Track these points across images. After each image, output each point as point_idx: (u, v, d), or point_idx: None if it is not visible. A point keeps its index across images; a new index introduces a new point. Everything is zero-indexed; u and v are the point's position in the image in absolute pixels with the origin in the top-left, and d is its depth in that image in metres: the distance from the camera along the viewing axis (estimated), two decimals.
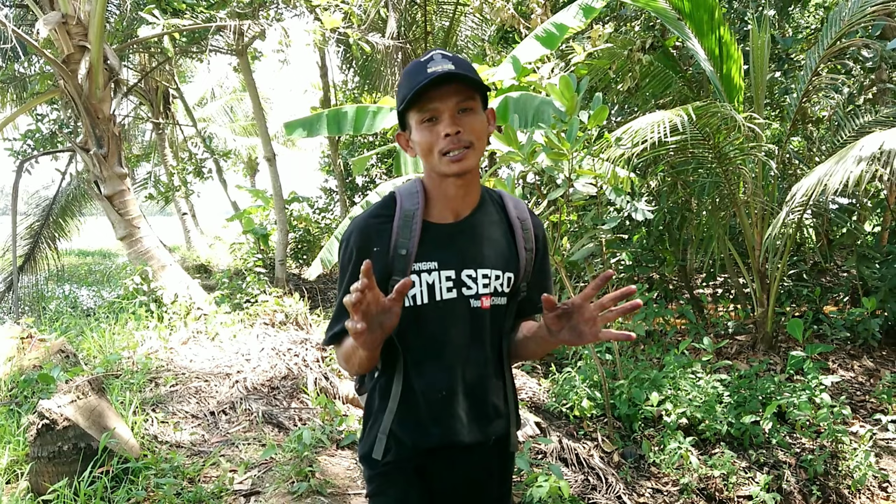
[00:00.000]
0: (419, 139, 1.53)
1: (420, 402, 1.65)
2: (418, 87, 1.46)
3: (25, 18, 9.88)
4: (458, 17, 9.96)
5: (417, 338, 1.63)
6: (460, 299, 1.62)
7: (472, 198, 1.66)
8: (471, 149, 1.52)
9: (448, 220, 1.64)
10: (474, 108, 1.54)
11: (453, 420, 1.65)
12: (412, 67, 1.54)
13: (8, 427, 3.98)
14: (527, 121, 4.78)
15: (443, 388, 1.64)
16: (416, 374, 1.65)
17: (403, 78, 1.56)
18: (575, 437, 4.20)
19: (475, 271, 1.63)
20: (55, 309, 8.79)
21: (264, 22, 8.26)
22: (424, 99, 1.50)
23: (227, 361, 5.54)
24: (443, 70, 1.47)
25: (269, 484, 3.58)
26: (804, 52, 7.31)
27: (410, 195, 1.63)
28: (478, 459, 1.73)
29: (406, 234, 1.58)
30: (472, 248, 1.63)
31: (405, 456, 1.68)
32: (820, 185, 4.02)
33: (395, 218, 1.60)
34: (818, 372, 4.40)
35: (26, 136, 11.26)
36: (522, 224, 1.71)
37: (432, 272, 1.60)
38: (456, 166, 1.51)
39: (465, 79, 1.49)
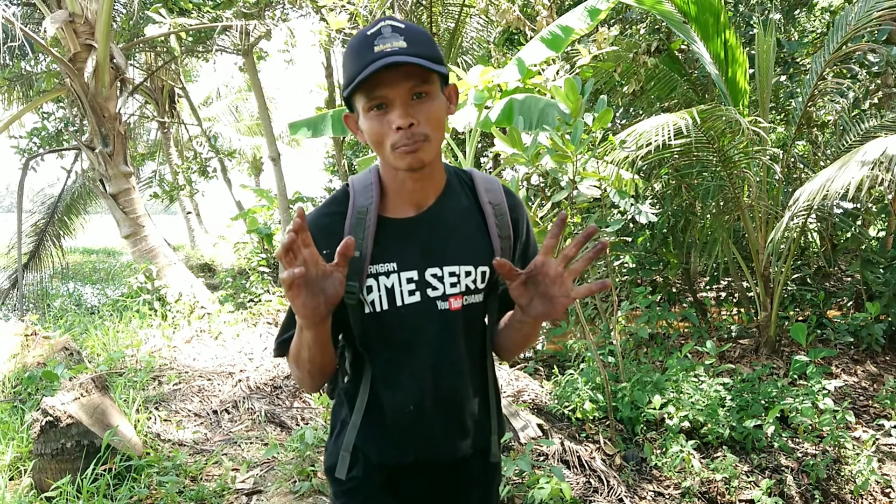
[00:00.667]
0: (367, 129, 1.33)
1: (387, 417, 1.49)
2: (362, 74, 1.24)
3: (33, 17, 9.93)
4: (463, 18, 9.96)
5: (381, 347, 1.47)
6: (425, 302, 1.44)
7: (434, 187, 1.46)
8: (427, 141, 1.31)
9: (408, 213, 1.45)
10: (430, 93, 1.31)
11: (425, 436, 1.51)
12: (356, 42, 1.30)
13: (12, 424, 4.00)
14: (531, 123, 4.78)
15: (411, 402, 1.48)
16: (383, 386, 1.49)
17: (347, 53, 1.32)
18: (577, 439, 4.20)
19: (441, 269, 1.44)
20: (60, 306, 8.82)
21: (270, 22, 8.29)
22: (371, 84, 1.27)
23: (230, 360, 5.56)
24: (392, 49, 1.24)
25: (271, 483, 3.58)
26: (810, 56, 7.30)
27: (364, 188, 1.45)
28: (456, 474, 1.59)
29: (359, 234, 1.40)
30: (437, 244, 1.45)
31: (372, 472, 1.53)
32: (823, 190, 4.02)
33: (348, 216, 1.42)
34: (821, 376, 4.38)
35: (32, 134, 11.31)
36: (495, 209, 1.50)
37: (391, 274, 1.42)
38: (408, 160, 1.31)
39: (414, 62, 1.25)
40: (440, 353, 1.47)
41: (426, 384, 1.47)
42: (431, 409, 1.49)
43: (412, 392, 1.48)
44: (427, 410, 1.49)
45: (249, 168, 26.44)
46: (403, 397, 1.48)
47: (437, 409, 1.50)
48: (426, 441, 1.51)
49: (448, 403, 1.51)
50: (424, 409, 1.49)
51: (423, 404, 1.48)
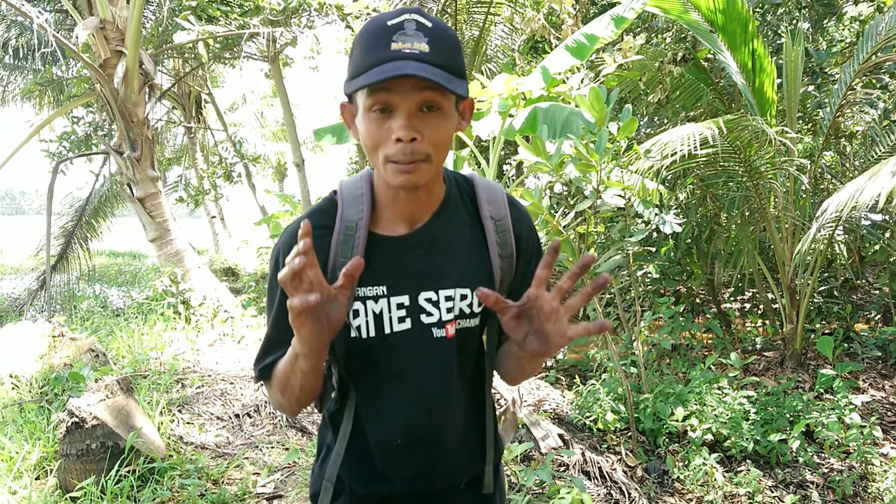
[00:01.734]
0: (364, 131, 1.17)
1: (372, 449, 1.38)
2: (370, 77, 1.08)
3: (65, 23, 10.11)
4: (488, 26, 9.97)
5: (367, 375, 1.35)
6: (417, 329, 1.30)
7: (431, 202, 1.32)
8: (426, 162, 1.16)
9: (400, 230, 1.30)
10: (443, 108, 1.15)
11: (413, 469, 1.39)
12: (373, 30, 1.12)
13: (38, 424, 4.05)
14: (556, 131, 4.77)
15: (398, 436, 1.35)
16: (368, 417, 1.37)
17: (359, 40, 1.14)
18: (598, 450, 4.17)
19: (436, 293, 1.30)
20: (86, 308, 8.94)
21: (296, 29, 8.37)
22: (379, 85, 1.10)
23: (252, 364, 5.59)
24: (412, 51, 1.08)
25: (291, 488, 3.60)
26: (839, 65, 7.22)
27: (354, 199, 1.29)
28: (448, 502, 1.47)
29: (346, 253, 1.26)
30: (431, 266, 1.31)
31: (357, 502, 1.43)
32: (852, 201, 3.96)
33: (335, 231, 1.28)
34: (848, 391, 4.32)
35: (62, 139, 11.52)
36: (497, 225, 1.35)
37: (379, 299, 1.28)
38: (402, 178, 1.16)
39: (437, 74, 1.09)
40: (431, 385, 1.34)
41: (414, 417, 1.35)
42: (420, 443, 1.37)
43: (399, 425, 1.36)
44: (415, 444, 1.37)
45: (274, 173, 26.68)
46: (390, 430, 1.36)
47: (427, 443, 1.38)
48: (414, 474, 1.40)
49: (438, 436, 1.38)
50: (412, 443, 1.37)
51: (411, 438, 1.36)
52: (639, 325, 4.58)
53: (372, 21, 1.13)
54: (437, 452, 1.39)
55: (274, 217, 11.94)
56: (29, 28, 10.35)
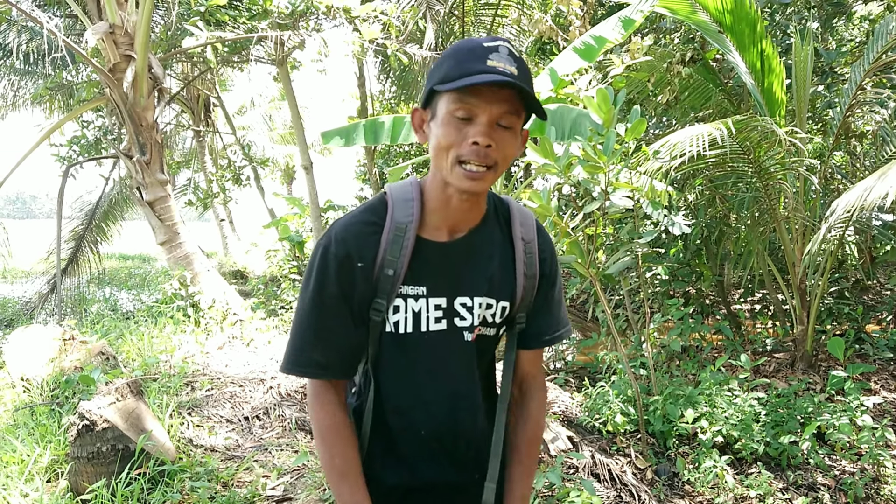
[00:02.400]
0: (441, 132, 1.27)
1: (397, 440, 1.47)
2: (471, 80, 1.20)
3: (74, 28, 10.18)
4: (495, 28, 9.98)
5: (397, 370, 1.43)
6: (451, 331, 1.41)
7: (474, 214, 1.43)
8: (492, 170, 1.28)
9: (442, 237, 1.41)
10: (514, 128, 1.29)
11: (435, 459, 1.48)
12: (470, 47, 1.25)
13: (49, 427, 4.07)
14: (564, 133, 4.77)
15: (422, 427, 1.45)
16: (395, 409, 1.45)
17: (454, 53, 1.27)
18: (608, 452, 4.15)
19: (471, 299, 1.41)
20: (96, 312, 8.99)
21: (304, 32, 8.39)
22: (468, 91, 1.23)
23: (261, 367, 5.61)
24: (504, 70, 1.21)
25: (300, 491, 3.60)
26: (848, 65, 7.18)
27: (404, 203, 1.38)
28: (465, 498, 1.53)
29: (395, 252, 1.35)
30: (469, 273, 1.42)
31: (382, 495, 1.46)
32: (861, 200, 3.93)
33: (385, 230, 1.36)
34: (860, 393, 4.29)
35: (72, 143, 11.58)
36: (526, 246, 1.47)
37: (419, 298, 1.38)
38: (468, 184, 1.28)
39: (523, 93, 1.24)
40: (457, 382, 1.46)
41: (439, 410, 1.45)
42: (443, 434, 1.47)
43: (425, 417, 1.45)
44: (439, 435, 1.47)
45: (282, 176, 26.75)
46: (415, 422, 1.45)
47: (449, 435, 1.47)
48: (437, 465, 1.49)
49: (460, 430, 1.48)
50: (436, 434, 1.46)
51: (436, 429, 1.46)
52: (648, 327, 4.56)
53: (468, 40, 1.27)
54: (458, 445, 1.49)
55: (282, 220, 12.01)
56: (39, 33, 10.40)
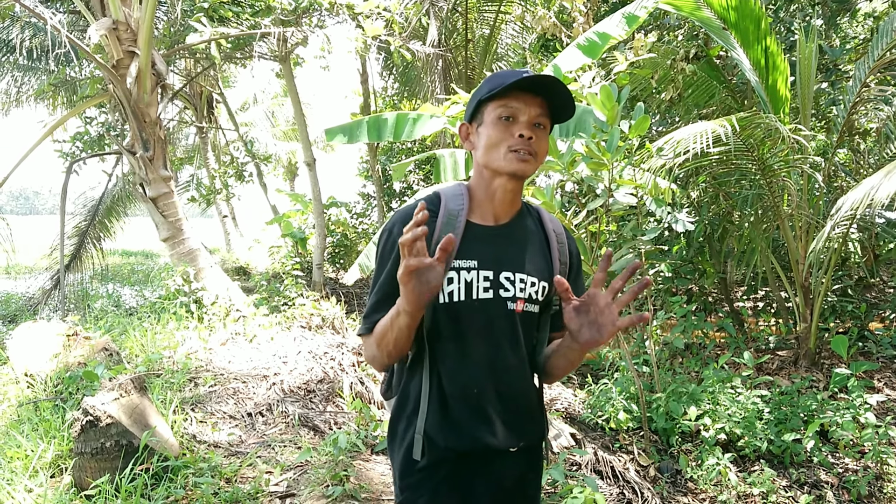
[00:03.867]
0: (491, 132, 1.57)
1: (452, 402, 1.63)
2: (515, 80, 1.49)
3: (77, 24, 10.16)
4: (498, 25, 9.96)
5: (451, 335, 1.62)
6: (497, 300, 1.61)
7: (514, 206, 1.68)
8: (535, 157, 1.57)
9: (489, 223, 1.66)
10: (547, 128, 1.60)
11: (486, 422, 1.64)
12: (505, 71, 1.58)
13: (53, 422, 4.08)
14: (567, 130, 4.76)
15: (474, 385, 1.62)
16: (448, 372, 1.63)
17: (493, 77, 1.59)
18: (610, 449, 4.16)
19: (513, 274, 1.63)
20: (100, 307, 9.00)
21: (307, 29, 8.38)
22: (512, 97, 1.54)
23: (264, 363, 5.61)
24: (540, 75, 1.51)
25: (304, 487, 3.61)
26: (853, 62, 7.16)
27: (455, 196, 1.66)
28: (511, 466, 1.70)
29: (448, 232, 1.59)
30: (511, 252, 1.65)
31: (438, 461, 1.65)
32: (867, 199, 3.92)
33: (440, 216, 1.62)
34: (863, 390, 4.29)
35: (75, 139, 11.58)
36: (558, 237, 1.73)
37: (471, 270, 1.59)
38: (520, 165, 1.55)
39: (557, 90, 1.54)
40: (504, 345, 1.63)
41: (488, 372, 1.62)
42: (492, 397, 1.63)
43: (476, 377, 1.62)
44: (489, 396, 1.63)
45: (285, 173, 26.75)
46: (468, 381, 1.62)
47: (497, 398, 1.64)
48: (488, 427, 1.64)
49: (507, 393, 1.65)
50: (487, 395, 1.63)
51: (486, 389, 1.63)
52: (651, 324, 4.56)
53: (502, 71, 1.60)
54: (506, 408, 1.66)
55: (285, 216, 12.02)
56: (42, 29, 10.42)
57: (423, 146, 12.54)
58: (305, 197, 12.12)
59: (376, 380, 5.43)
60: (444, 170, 5.63)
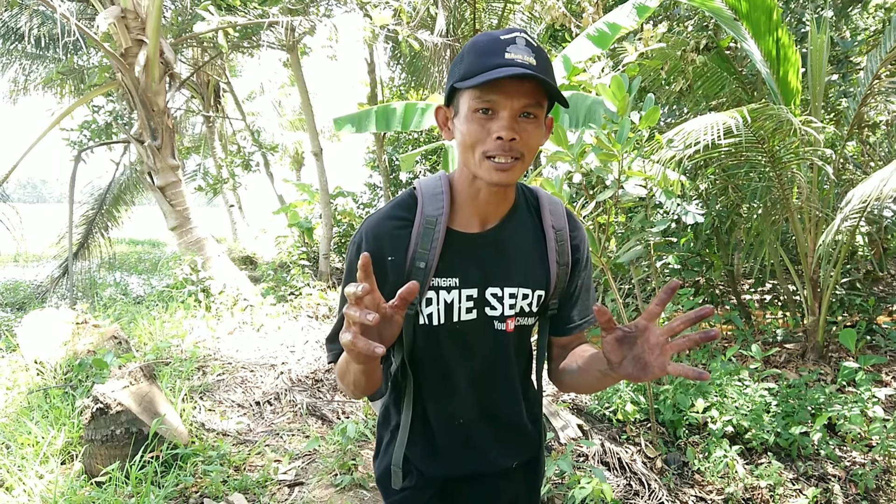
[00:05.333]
0: (465, 129, 1.28)
1: (435, 431, 1.50)
2: (490, 75, 1.20)
3: (86, 12, 10.16)
4: (507, 14, 9.92)
5: (432, 361, 1.45)
6: (482, 320, 1.43)
7: (504, 205, 1.44)
8: (519, 161, 1.29)
9: (473, 229, 1.42)
10: (538, 116, 1.28)
11: (474, 449, 1.51)
12: (487, 41, 1.26)
13: (63, 410, 4.11)
14: (577, 121, 4.75)
15: (459, 416, 1.48)
16: (430, 400, 1.49)
17: (472, 49, 1.27)
18: (618, 441, 4.16)
19: (501, 290, 1.42)
20: (108, 296, 9.04)
21: (315, 18, 8.36)
22: (489, 87, 1.23)
23: (271, 352, 5.64)
24: (523, 62, 1.21)
25: (312, 475, 3.63)
26: (864, 54, 7.11)
27: (434, 197, 1.40)
28: (505, 483, 1.59)
29: (426, 245, 1.36)
30: (499, 264, 1.43)
31: (425, 484, 1.53)
32: (877, 191, 3.90)
33: (416, 224, 1.38)
34: (871, 384, 4.27)
35: (83, 127, 11.59)
36: (557, 235, 1.48)
37: (452, 290, 1.39)
38: (497, 176, 1.28)
39: (543, 84, 1.23)
40: (491, 370, 1.48)
41: (475, 398, 1.48)
42: (479, 423, 1.50)
43: (461, 406, 1.48)
44: (475, 424, 1.50)
45: (291, 162, 26.75)
46: (452, 410, 1.49)
47: (486, 423, 1.51)
48: (476, 454, 1.52)
49: (496, 417, 1.52)
50: (473, 423, 1.50)
51: (472, 418, 1.49)
52: (659, 317, 4.55)
53: (485, 35, 1.28)
54: (495, 432, 1.52)
55: (292, 206, 12.04)
56: (51, 17, 10.43)
57: (430, 137, 12.53)
58: (312, 187, 12.14)
59: None
60: (451, 160, 5.62)
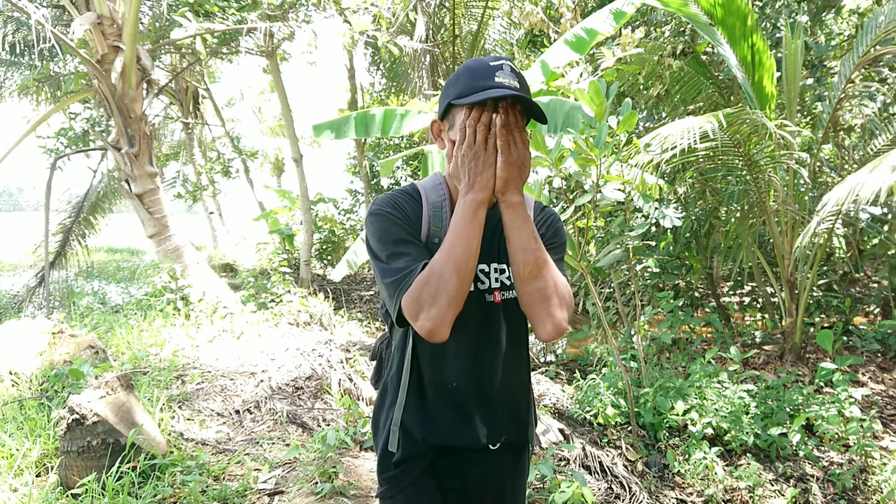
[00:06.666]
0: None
1: (430, 395, 1.65)
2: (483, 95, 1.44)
3: (62, 19, 10.06)
4: (486, 20, 9.96)
5: None
6: (475, 293, 1.62)
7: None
8: None
9: None
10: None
11: (464, 418, 1.65)
12: (478, 66, 1.51)
13: (39, 421, 4.04)
14: (556, 125, 4.77)
15: (452, 379, 1.63)
16: (427, 365, 1.65)
17: (465, 72, 1.52)
18: (598, 444, 4.17)
19: (488, 265, 1.64)
20: (85, 305, 8.92)
21: (294, 24, 8.34)
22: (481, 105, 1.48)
23: (252, 360, 5.59)
24: (509, 85, 1.46)
25: (292, 484, 3.60)
26: (838, 59, 7.21)
27: (435, 187, 1.66)
28: (493, 463, 1.71)
29: (438, 223, 1.61)
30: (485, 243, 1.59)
31: (417, 454, 1.66)
32: (852, 195, 3.95)
33: (424, 208, 1.63)
34: (848, 384, 4.32)
35: (59, 135, 11.45)
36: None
37: None
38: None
39: (527, 105, 1.49)
40: (483, 338, 1.64)
41: (468, 363, 1.64)
42: (471, 392, 1.64)
43: (455, 369, 1.63)
44: (467, 393, 1.64)
45: (272, 169, 26.62)
46: (446, 375, 1.63)
47: (478, 393, 1.65)
48: (466, 422, 1.64)
49: (487, 387, 1.66)
50: (465, 391, 1.64)
51: (464, 385, 1.64)
52: (638, 320, 4.57)
53: (476, 60, 1.54)
54: (485, 402, 1.66)
55: (272, 212, 11.96)
56: (26, 24, 10.30)
57: (410, 142, 12.52)
58: (293, 193, 12.07)
59: (364, 376, 5.42)
60: (431, 165, 5.62)
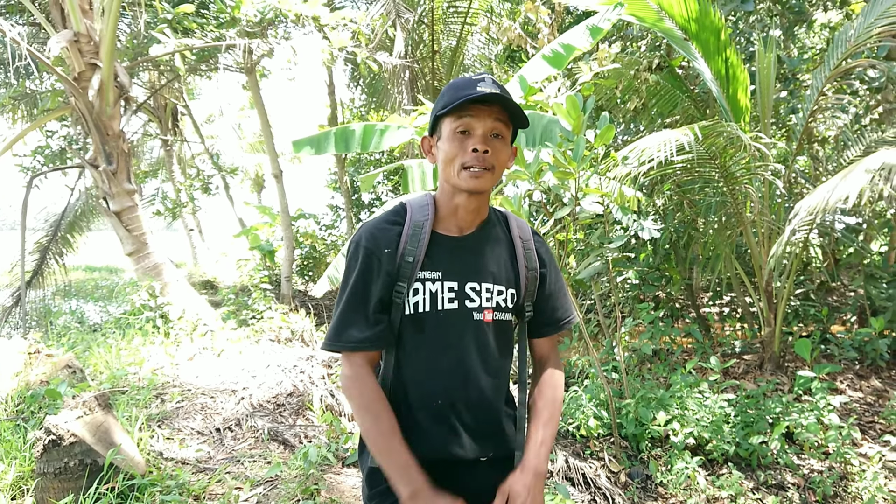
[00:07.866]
0: (447, 147, 1.60)
1: (417, 411, 1.65)
2: (465, 97, 1.52)
3: (38, 36, 9.99)
4: (465, 36, 10.03)
5: (417, 345, 1.64)
6: (462, 310, 1.64)
7: (480, 216, 1.71)
8: (490, 171, 1.59)
9: (454, 233, 1.69)
10: (504, 138, 1.62)
11: (452, 431, 1.65)
12: (461, 81, 1.60)
13: (14, 443, 3.98)
14: (534, 139, 4.80)
15: (439, 396, 1.64)
16: (413, 382, 1.65)
17: (449, 88, 1.61)
18: (581, 456, 4.18)
19: (479, 284, 1.66)
20: (63, 324, 8.81)
21: (273, 41, 8.34)
22: (465, 111, 1.57)
23: (232, 378, 5.54)
24: (491, 91, 1.53)
25: (274, 502, 3.57)
26: (810, 72, 7.34)
27: (421, 207, 1.68)
28: (481, 476, 1.70)
29: (414, 243, 1.62)
30: (476, 263, 1.67)
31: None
32: (823, 202, 4.01)
33: (405, 227, 1.64)
34: (826, 392, 4.37)
35: (36, 153, 11.36)
36: (524, 244, 1.76)
37: (436, 282, 1.63)
38: (473, 182, 1.58)
39: (509, 104, 1.57)
40: (471, 356, 1.65)
41: (454, 382, 1.64)
42: (459, 407, 1.65)
43: (441, 388, 1.64)
44: (455, 407, 1.65)
45: (252, 185, 26.52)
46: (433, 391, 1.64)
47: (465, 407, 1.66)
48: (453, 436, 1.65)
49: (475, 404, 1.67)
50: (452, 406, 1.65)
51: (452, 400, 1.64)
52: (619, 331, 4.60)
53: (459, 78, 1.62)
54: (473, 419, 1.67)
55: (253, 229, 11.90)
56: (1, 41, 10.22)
57: (391, 157, 12.55)
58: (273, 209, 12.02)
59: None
60: (412, 180, 5.63)
